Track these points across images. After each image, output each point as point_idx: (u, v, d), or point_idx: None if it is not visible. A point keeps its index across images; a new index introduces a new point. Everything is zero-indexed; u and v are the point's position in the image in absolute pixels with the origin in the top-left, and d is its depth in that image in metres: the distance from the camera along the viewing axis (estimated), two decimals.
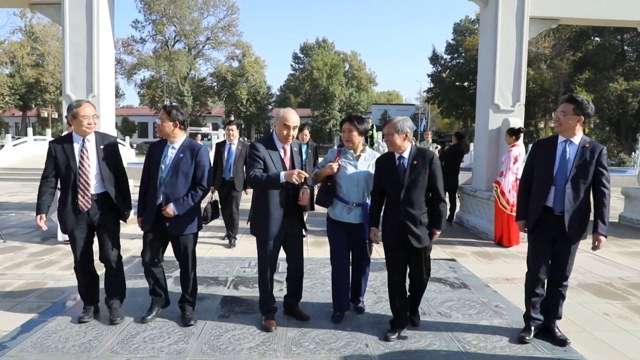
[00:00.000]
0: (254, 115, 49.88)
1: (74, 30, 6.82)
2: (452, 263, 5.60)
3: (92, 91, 6.88)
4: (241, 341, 3.28)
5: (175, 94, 45.33)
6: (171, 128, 3.44)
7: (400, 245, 3.33)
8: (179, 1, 41.48)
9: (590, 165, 3.18)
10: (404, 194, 3.24)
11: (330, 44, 52.14)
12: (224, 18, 46.11)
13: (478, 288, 4.64)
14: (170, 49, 45.50)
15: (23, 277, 4.67)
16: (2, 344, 3.11)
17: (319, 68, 47.13)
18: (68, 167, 3.37)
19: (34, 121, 48.67)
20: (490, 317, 3.85)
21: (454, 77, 42.93)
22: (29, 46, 39.53)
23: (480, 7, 7.62)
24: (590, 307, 4.16)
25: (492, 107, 7.29)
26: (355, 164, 3.57)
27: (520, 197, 3.54)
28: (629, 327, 3.74)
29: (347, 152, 3.63)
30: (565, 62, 33.66)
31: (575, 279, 5.02)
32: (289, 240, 3.54)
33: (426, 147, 10.19)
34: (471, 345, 3.31)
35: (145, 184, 3.56)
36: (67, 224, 3.43)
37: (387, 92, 70.22)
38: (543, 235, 3.35)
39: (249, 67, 48.11)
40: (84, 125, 3.38)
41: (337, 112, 47.89)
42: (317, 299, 4.17)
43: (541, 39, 33.09)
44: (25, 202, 10.46)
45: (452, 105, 43.19)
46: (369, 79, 53.56)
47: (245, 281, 4.70)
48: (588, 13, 7.38)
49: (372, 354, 3.14)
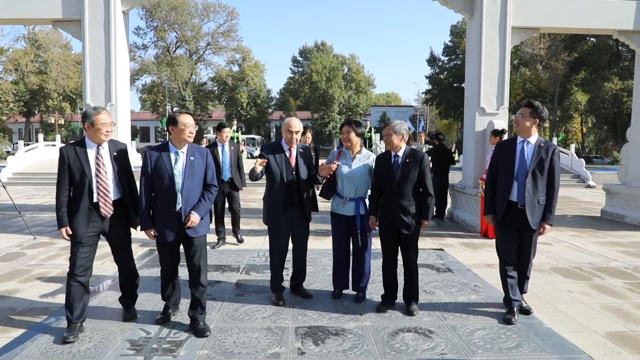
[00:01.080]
0: (254, 118, 50.59)
1: (93, 45, 7.47)
2: (440, 252, 6.22)
3: (110, 100, 7.52)
4: (255, 313, 3.90)
5: (177, 99, 46.04)
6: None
7: (393, 232, 3.92)
8: (180, 8, 42.22)
9: (545, 162, 3.69)
10: (395, 187, 3.83)
11: (329, 47, 52.81)
12: (224, 23, 46.88)
13: (461, 272, 5.26)
14: (171, 54, 46.23)
15: (59, 266, 5.29)
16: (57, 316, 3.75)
17: (318, 71, 47.81)
18: (82, 174, 3.33)
19: (37, 127, 49.31)
20: (468, 294, 4.47)
21: (451, 79, 43.56)
22: (32, 53, 40.28)
23: (466, 17, 8.24)
24: (557, 286, 4.77)
25: (478, 110, 7.92)
26: (350, 164, 4.16)
27: (487, 193, 4.03)
28: (587, 301, 4.35)
29: (346, 152, 4.23)
30: (561, 62, 34.27)
31: (549, 264, 5.64)
32: (295, 228, 4.15)
33: (420, 148, 10.82)
34: (449, 313, 3.94)
35: (148, 193, 3.45)
36: (79, 231, 3.34)
37: (386, 94, 70.89)
38: (509, 226, 3.84)
39: (249, 71, 48.85)
40: (102, 133, 3.37)
41: (336, 115, 48.52)
42: (319, 282, 4.78)
43: (536, 40, 33.73)
44: (43, 204, 11.09)
45: (450, 107, 43.80)
46: (368, 82, 54.22)
47: (256, 268, 5.32)
48: (566, 22, 8.02)
49: (365, 320, 3.76)
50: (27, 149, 19.54)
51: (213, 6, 45.17)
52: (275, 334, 3.48)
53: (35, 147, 20.58)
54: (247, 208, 10.03)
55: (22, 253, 5.93)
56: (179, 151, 3.45)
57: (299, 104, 53.33)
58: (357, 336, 3.46)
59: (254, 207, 10.38)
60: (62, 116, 43.80)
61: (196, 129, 3.52)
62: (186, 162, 3.43)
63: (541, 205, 3.74)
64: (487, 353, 3.21)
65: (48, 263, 5.46)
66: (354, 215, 4.12)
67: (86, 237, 3.38)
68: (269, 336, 3.44)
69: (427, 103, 49.65)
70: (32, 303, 4.11)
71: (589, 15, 8.01)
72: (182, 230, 3.42)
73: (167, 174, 3.38)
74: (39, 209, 10.15)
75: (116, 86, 7.57)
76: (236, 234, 6.70)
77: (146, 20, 45.13)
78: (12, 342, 3.31)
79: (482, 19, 7.75)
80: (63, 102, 45.52)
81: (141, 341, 3.34)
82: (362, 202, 4.13)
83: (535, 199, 3.71)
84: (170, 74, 44.16)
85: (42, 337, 3.39)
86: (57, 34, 40.76)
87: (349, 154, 4.20)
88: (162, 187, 3.39)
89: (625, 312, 4.06)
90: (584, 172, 18.82)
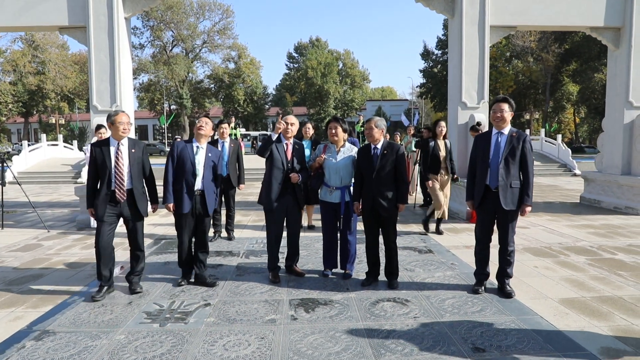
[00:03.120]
0: (251, 115, 51.04)
1: (98, 50, 7.95)
2: (424, 236, 6.77)
3: (115, 102, 8.01)
4: (254, 289, 4.44)
5: (174, 97, 46.43)
6: (210, 134, 4.59)
7: (374, 215, 4.45)
8: (176, 7, 42.52)
9: (517, 150, 4.10)
10: (375, 175, 4.36)
11: (323, 43, 53.25)
12: (219, 22, 47.24)
13: (440, 252, 5.81)
14: (168, 53, 46.55)
15: (75, 255, 5.82)
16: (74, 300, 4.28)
17: (314, 67, 48.30)
18: (104, 165, 4.11)
19: (36, 127, 49.69)
20: (445, 271, 5.02)
21: (445, 72, 44.01)
22: (30, 54, 40.60)
23: (448, 17, 8.74)
24: (524, 263, 5.31)
25: (460, 105, 8.44)
26: (335, 157, 4.68)
27: (468, 181, 4.48)
28: (549, 274, 4.90)
29: (331, 147, 4.76)
30: (552, 54, 34.81)
31: (522, 244, 6.18)
32: (288, 214, 4.68)
33: (409, 142, 11.33)
34: (425, 286, 4.49)
35: (173, 175, 4.36)
36: (99, 210, 4.12)
37: (381, 88, 71.41)
38: (486, 209, 4.28)
39: (245, 68, 49.28)
40: (120, 130, 4.13)
41: (332, 110, 49.03)
42: (311, 263, 5.32)
43: (527, 33, 34.21)
44: (51, 201, 11.61)
45: (444, 99, 44.22)
46: (363, 76, 54.70)
47: (255, 253, 5.85)
48: (541, 21, 8.53)
49: (350, 293, 4.30)
50: (30, 148, 20.04)
51: (208, 4, 45.49)
52: (272, 305, 4.02)
53: (39, 147, 21.09)
54: (246, 201, 10.56)
55: (39, 244, 6.45)
56: (201, 147, 4.47)
57: (295, 99, 53.80)
58: (342, 305, 4.00)
59: (252, 200, 10.89)
60: (61, 116, 44.18)
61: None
62: (205, 155, 4.46)
63: (514, 188, 4.11)
64: (454, 316, 3.76)
65: (65, 252, 5.99)
66: (340, 202, 4.65)
67: (106, 216, 4.15)
68: (266, 307, 3.98)
69: (421, 96, 50.15)
70: (55, 285, 4.64)
71: (562, 14, 8.51)
72: (195, 209, 4.42)
73: (186, 162, 4.36)
74: (47, 205, 10.67)
75: (120, 88, 8.05)
76: (228, 231, 6.75)
77: (142, 20, 45.45)
78: (44, 315, 3.84)
79: (462, 19, 8.25)
80: (61, 102, 45.90)
81: (156, 312, 3.88)
82: (347, 190, 4.65)
83: (507, 182, 4.10)
84: (167, 72, 44.55)
85: (69, 311, 3.91)
86: (54, 34, 41.02)
87: (333, 147, 4.72)
88: (185, 172, 4.35)
89: (581, 282, 4.61)
90: (570, 161, 19.42)
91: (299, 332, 3.44)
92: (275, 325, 3.58)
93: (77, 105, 50.10)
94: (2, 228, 7.64)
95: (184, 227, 4.45)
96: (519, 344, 3.21)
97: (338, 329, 3.50)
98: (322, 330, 3.47)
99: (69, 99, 47.14)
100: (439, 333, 3.41)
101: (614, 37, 8.92)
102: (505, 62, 41.07)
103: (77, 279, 4.85)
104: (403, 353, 3.10)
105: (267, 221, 4.67)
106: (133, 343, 3.27)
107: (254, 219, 8.38)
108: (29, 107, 43.92)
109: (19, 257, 5.77)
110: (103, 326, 3.59)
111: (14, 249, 6.23)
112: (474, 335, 3.37)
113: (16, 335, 3.43)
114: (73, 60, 45.33)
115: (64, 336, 3.40)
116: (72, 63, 44.10)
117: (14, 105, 40.59)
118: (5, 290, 4.49)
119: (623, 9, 8.65)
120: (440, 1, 8.53)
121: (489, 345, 3.19)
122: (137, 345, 3.24)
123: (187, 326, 3.58)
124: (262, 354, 3.10)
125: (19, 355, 3.10)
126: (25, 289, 4.52)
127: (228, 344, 3.24)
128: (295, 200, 4.68)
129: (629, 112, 8.88)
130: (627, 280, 4.64)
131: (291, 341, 3.29)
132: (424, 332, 3.42)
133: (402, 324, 3.57)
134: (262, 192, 4.67)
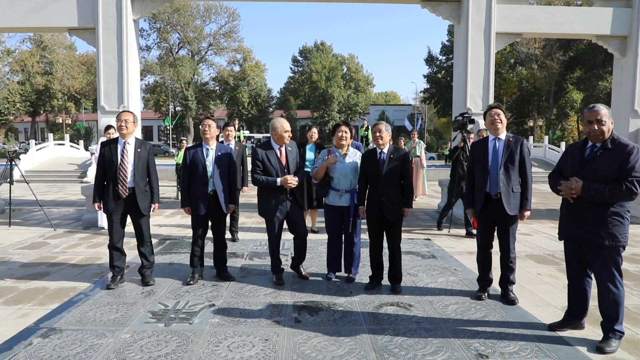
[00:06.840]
0: (255, 117, 51.15)
1: (106, 51, 8.03)
2: (427, 241, 6.78)
3: (122, 102, 8.09)
4: (259, 291, 4.46)
5: (180, 99, 46.61)
6: (215, 134, 4.68)
7: (379, 218, 4.46)
8: (183, 10, 42.70)
9: (516, 154, 4.12)
10: (383, 179, 4.38)
11: (328, 47, 53.35)
12: (225, 25, 47.34)
13: (444, 258, 5.82)
14: (174, 55, 46.75)
15: (81, 254, 5.87)
16: (84, 295, 4.32)
17: (318, 71, 48.39)
18: (111, 162, 4.37)
19: (43, 127, 50.02)
20: (448, 276, 5.03)
21: (449, 77, 44.04)
22: (38, 54, 40.92)
23: (454, 24, 8.78)
24: (528, 270, 5.32)
25: (466, 111, 8.45)
26: (343, 160, 4.72)
27: (467, 190, 4.48)
28: (552, 281, 4.91)
29: (335, 151, 4.78)
30: (556, 61, 34.76)
31: (525, 251, 6.19)
32: (290, 216, 4.65)
33: (412, 146, 11.36)
34: (428, 288, 4.51)
35: (187, 178, 4.58)
36: (108, 206, 4.41)
37: (385, 93, 71.42)
38: (487, 216, 4.28)
39: (250, 71, 49.41)
40: (119, 127, 4.40)
41: (336, 114, 49.08)
42: (315, 266, 5.34)
43: (532, 40, 34.21)
44: (57, 199, 11.70)
45: (448, 105, 44.27)
46: (367, 81, 54.74)
47: (258, 254, 5.89)
48: (546, 28, 8.56)
49: (354, 296, 4.32)
50: (37, 147, 20.19)
51: (215, 8, 45.65)
52: (276, 307, 4.04)
53: (46, 146, 21.24)
54: (249, 203, 10.60)
55: (45, 242, 6.51)
56: (210, 148, 4.64)
57: (299, 102, 53.90)
58: (346, 309, 4.02)
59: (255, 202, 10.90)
60: (68, 116, 44.50)
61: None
62: (215, 157, 4.61)
63: (515, 193, 4.13)
64: (457, 322, 3.76)
65: (71, 251, 6.04)
66: (348, 205, 4.67)
67: (114, 211, 4.42)
68: (270, 309, 4.00)
69: (425, 102, 50.18)
70: (62, 283, 4.68)
71: (568, 21, 8.54)
72: (210, 208, 4.64)
73: (198, 165, 4.57)
74: (53, 204, 10.75)
75: (128, 89, 8.13)
76: (232, 232, 6.76)
77: (149, 22, 45.68)
78: (51, 312, 3.88)
79: (468, 25, 8.29)
80: (68, 102, 46.20)
81: (161, 312, 3.91)
82: (355, 193, 4.68)
83: (509, 188, 4.12)
84: (173, 74, 44.74)
85: (75, 309, 3.95)
86: (62, 35, 41.36)
87: (338, 152, 4.74)
88: (198, 174, 4.57)
89: None
90: None
91: (303, 335, 3.46)
92: (279, 327, 3.61)
93: (84, 106, 50.40)
94: (10, 226, 7.71)
95: (198, 227, 4.68)
96: (522, 351, 3.22)
97: (342, 332, 3.52)
98: (326, 334, 3.49)
99: (76, 99, 47.43)
100: (442, 338, 3.42)
101: (620, 45, 8.93)
102: (509, 69, 41.07)
103: (83, 277, 4.89)
104: (406, 358, 3.11)
105: (268, 228, 4.69)
106: (138, 342, 3.30)
107: (257, 221, 8.41)
108: (36, 107, 44.23)
109: (26, 254, 5.83)
110: (109, 325, 3.62)
111: (21, 246, 6.29)
112: (477, 341, 3.38)
113: (23, 332, 3.47)
114: (80, 61, 45.63)
115: (70, 334, 3.43)
116: (79, 64, 44.39)
117: (21, 105, 40.90)
118: (12, 287, 4.54)
119: (630, 17, 8.67)
120: (446, 7, 8.58)
121: (492, 352, 3.20)
122: (142, 344, 3.27)
123: (192, 326, 3.61)
124: (266, 355, 3.12)
125: (26, 352, 3.13)
126: (31, 286, 4.57)
127: (232, 345, 3.27)
128: (297, 204, 4.69)
129: (634, 120, 8.88)
130: (632, 290, 4.63)
131: (295, 344, 3.31)
132: (428, 337, 3.44)
133: (405, 329, 3.59)
134: (260, 203, 4.69)
